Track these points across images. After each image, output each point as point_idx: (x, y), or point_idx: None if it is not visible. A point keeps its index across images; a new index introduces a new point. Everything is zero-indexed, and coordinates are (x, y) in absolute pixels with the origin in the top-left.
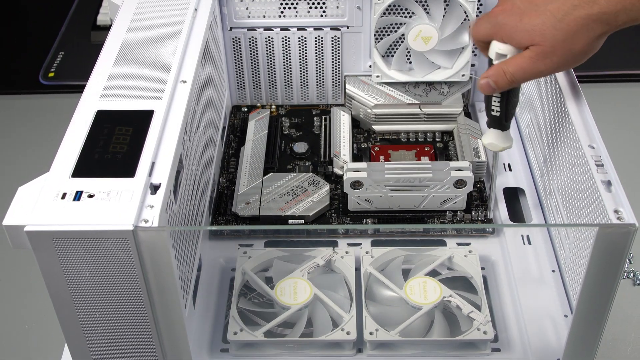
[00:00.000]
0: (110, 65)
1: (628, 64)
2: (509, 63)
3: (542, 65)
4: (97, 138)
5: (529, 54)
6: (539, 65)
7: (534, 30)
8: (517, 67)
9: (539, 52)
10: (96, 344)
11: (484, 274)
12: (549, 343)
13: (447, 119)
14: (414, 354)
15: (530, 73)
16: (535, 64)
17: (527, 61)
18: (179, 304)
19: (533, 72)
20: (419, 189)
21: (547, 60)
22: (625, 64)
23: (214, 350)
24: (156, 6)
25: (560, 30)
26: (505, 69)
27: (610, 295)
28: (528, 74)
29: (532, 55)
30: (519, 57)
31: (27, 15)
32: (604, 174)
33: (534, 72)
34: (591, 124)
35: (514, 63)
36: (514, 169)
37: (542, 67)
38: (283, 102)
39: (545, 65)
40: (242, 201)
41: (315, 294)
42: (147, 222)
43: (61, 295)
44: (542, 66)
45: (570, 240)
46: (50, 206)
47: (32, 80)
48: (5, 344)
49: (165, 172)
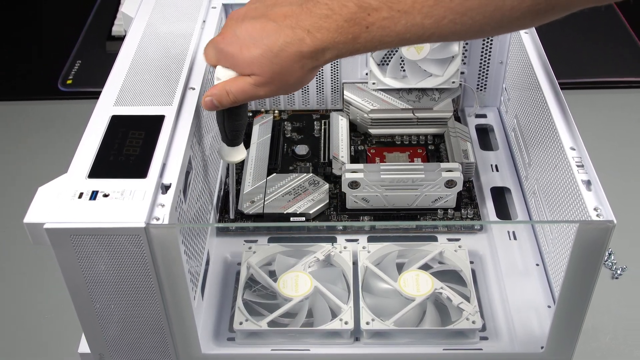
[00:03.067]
0: (124, 73)
1: (607, 72)
2: (231, 84)
3: (261, 91)
4: (112, 141)
5: (249, 80)
6: (258, 91)
7: (254, 63)
8: (238, 88)
9: (258, 81)
10: (111, 334)
11: (473, 267)
12: (533, 332)
13: (438, 123)
14: (407, 342)
15: (250, 96)
16: (255, 89)
17: (247, 86)
18: (188, 296)
19: (253, 95)
20: (412, 189)
21: (266, 88)
22: (604, 72)
23: (221, 339)
24: (167, 18)
25: (276, 64)
26: (229, 89)
27: (590, 287)
28: (248, 96)
29: (252, 82)
30: (241, 79)
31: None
32: (585, 174)
33: (254, 95)
34: (573, 127)
35: (236, 85)
36: (501, 170)
37: (261, 92)
38: (285, 107)
39: (264, 91)
40: (247, 200)
41: (316, 286)
42: (159, 220)
43: (78, 288)
44: (261, 92)
45: (553, 236)
46: (68, 205)
47: (51, 87)
48: (26, 334)
49: (175, 173)
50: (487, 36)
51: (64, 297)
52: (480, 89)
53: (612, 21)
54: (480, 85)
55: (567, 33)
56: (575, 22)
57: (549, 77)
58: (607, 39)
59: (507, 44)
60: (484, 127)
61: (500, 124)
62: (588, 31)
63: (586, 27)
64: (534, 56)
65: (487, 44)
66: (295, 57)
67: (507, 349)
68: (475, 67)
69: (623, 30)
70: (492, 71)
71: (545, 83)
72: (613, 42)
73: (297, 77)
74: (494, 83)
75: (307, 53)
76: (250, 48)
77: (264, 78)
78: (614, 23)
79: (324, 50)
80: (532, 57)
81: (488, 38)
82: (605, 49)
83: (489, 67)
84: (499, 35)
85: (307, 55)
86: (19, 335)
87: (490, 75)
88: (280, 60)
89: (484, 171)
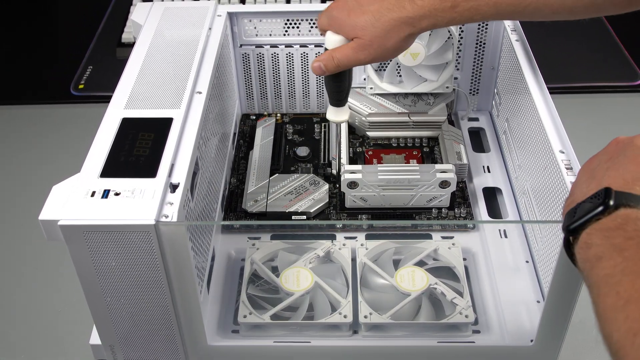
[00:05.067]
0: (133, 78)
1: (594, 77)
2: (337, 50)
3: (361, 55)
4: (123, 142)
5: (352, 44)
6: (359, 55)
7: (357, 26)
8: (342, 54)
9: (360, 44)
10: (121, 326)
11: (466, 264)
12: (523, 326)
13: (433, 126)
14: (403, 335)
15: (352, 60)
16: (356, 53)
17: (350, 51)
18: (195, 290)
19: (354, 60)
20: (408, 189)
21: (366, 52)
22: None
23: (226, 331)
24: (174, 26)
25: (377, 28)
26: (334, 55)
27: (577, 283)
28: (351, 61)
29: (355, 46)
30: (345, 46)
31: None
32: (573, 176)
33: (355, 60)
34: (561, 131)
35: (340, 51)
36: (492, 171)
37: (362, 57)
38: (287, 110)
39: (364, 55)
40: (251, 199)
41: (316, 281)
42: (167, 218)
43: (90, 282)
44: (361, 56)
45: (542, 235)
46: (81, 203)
47: (64, 92)
48: (41, 326)
49: (183, 173)
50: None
51: (77, 291)
52: (473, 94)
53: (599, 29)
54: (472, 90)
55: (556, 40)
56: (564, 30)
57: (538, 82)
58: (594, 46)
59: (498, 50)
60: (477, 130)
61: (492, 127)
62: (576, 39)
63: (574, 34)
64: (524, 62)
65: (479, 51)
66: (395, 22)
67: (498, 342)
68: (468, 73)
69: (609, 38)
70: (484, 77)
71: (535, 88)
72: (600, 49)
73: (395, 42)
74: (486, 88)
75: (406, 19)
76: (357, 13)
77: (365, 41)
78: (601, 31)
79: (421, 18)
80: (522, 63)
81: (481, 45)
82: (592, 56)
83: (481, 73)
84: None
85: (405, 20)
86: (35, 327)
87: (482, 80)
88: (381, 24)
89: (477, 172)
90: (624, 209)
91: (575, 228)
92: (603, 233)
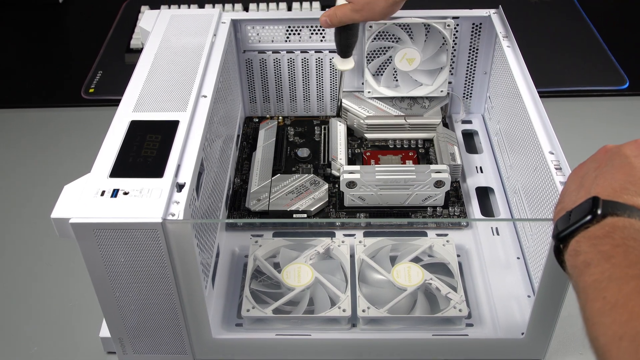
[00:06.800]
0: (141, 82)
1: (582, 81)
2: (339, 8)
3: (356, 15)
4: (131, 144)
5: (349, 6)
6: (354, 15)
7: None
8: (342, 12)
9: (353, 7)
10: (130, 320)
11: (460, 260)
12: (514, 319)
13: (428, 128)
14: (399, 329)
15: (350, 18)
16: (352, 14)
17: (347, 11)
18: (200, 286)
19: (352, 18)
20: (404, 188)
21: (358, 14)
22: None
23: (230, 324)
24: (181, 32)
25: None
26: (336, 12)
27: (566, 279)
28: (349, 19)
29: (350, 8)
30: (345, 5)
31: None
32: (562, 176)
33: (352, 18)
34: (551, 133)
35: (341, 9)
36: (485, 171)
37: (357, 17)
38: (289, 113)
39: (359, 15)
40: (254, 198)
41: (316, 277)
42: (174, 216)
43: (100, 277)
44: (356, 16)
45: (532, 232)
46: (92, 202)
47: (75, 95)
48: (52, 320)
49: (189, 173)
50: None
51: (87, 286)
52: (466, 97)
53: (586, 35)
54: (466, 94)
55: (546, 46)
56: (553, 36)
57: (529, 87)
58: (582, 52)
59: (490, 56)
60: (470, 132)
61: (485, 129)
62: (565, 45)
63: (563, 40)
64: (515, 67)
65: (473, 56)
66: None
67: (491, 334)
68: (462, 78)
69: (597, 45)
70: (477, 81)
71: (526, 92)
72: (587, 55)
73: (382, 7)
74: (479, 92)
75: None
76: None
77: (357, 5)
78: (588, 37)
79: None
80: (513, 68)
81: (474, 50)
82: (581, 61)
83: (474, 78)
84: None
85: None
86: (47, 320)
87: (475, 84)
88: None
89: (470, 172)
90: (611, 218)
91: (565, 236)
92: (591, 241)
